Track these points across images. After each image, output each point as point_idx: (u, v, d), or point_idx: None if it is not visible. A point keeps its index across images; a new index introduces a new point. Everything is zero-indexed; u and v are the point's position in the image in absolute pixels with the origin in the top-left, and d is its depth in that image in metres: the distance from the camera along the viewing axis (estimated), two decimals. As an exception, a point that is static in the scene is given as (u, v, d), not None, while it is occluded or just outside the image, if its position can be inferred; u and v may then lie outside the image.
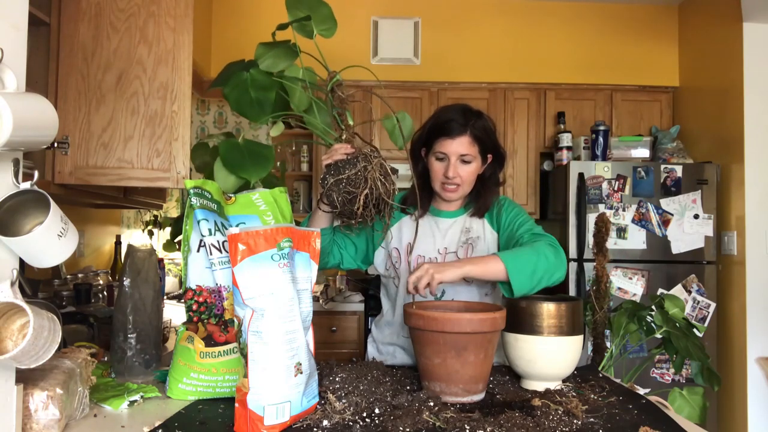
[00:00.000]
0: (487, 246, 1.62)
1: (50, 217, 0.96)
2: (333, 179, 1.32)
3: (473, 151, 1.55)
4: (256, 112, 1.39)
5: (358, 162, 1.31)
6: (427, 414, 1.09)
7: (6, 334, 0.92)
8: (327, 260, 1.64)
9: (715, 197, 3.30)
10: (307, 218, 1.57)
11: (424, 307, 1.33)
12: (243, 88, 1.39)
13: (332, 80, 1.38)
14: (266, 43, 1.42)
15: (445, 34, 3.84)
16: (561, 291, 3.32)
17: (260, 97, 1.39)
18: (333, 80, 1.38)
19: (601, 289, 2.15)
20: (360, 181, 1.30)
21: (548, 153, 3.82)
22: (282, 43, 1.42)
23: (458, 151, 1.54)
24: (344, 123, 1.40)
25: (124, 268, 1.42)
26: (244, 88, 1.39)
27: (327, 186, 1.33)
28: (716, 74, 3.45)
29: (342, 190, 1.31)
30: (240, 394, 1.04)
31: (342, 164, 1.32)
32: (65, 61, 1.89)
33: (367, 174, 1.30)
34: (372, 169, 1.31)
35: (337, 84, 1.38)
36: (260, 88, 1.39)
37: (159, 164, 1.92)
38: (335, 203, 1.33)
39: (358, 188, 1.30)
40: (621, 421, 1.13)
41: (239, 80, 1.40)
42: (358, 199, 1.30)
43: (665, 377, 3.23)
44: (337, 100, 1.39)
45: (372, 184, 1.30)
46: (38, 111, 0.94)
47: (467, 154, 1.54)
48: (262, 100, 1.39)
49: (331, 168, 1.34)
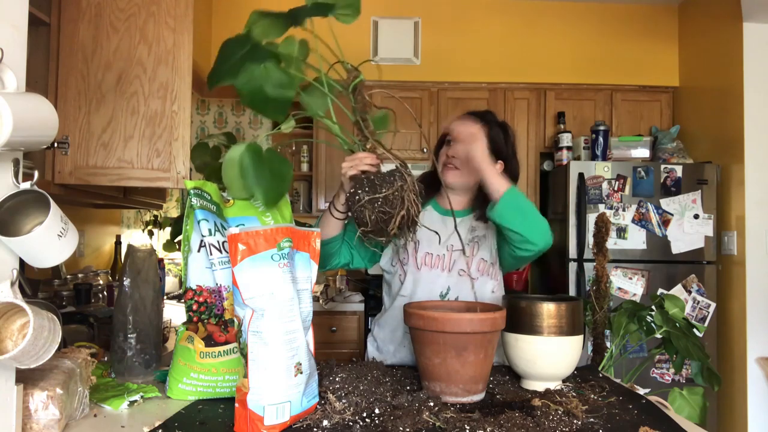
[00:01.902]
0: (490, 241, 1.65)
1: (50, 217, 0.96)
2: (368, 197, 1.22)
3: None
4: (272, 110, 1.25)
5: (395, 180, 1.23)
6: (427, 414, 1.09)
7: (6, 334, 0.92)
8: (337, 261, 1.61)
9: (715, 197, 3.30)
10: (318, 221, 1.55)
11: (424, 307, 1.33)
12: (257, 84, 1.23)
13: (355, 80, 1.28)
14: (261, 12, 1.29)
15: (445, 34, 3.84)
16: (561, 291, 3.32)
17: (278, 96, 1.24)
18: (356, 80, 1.28)
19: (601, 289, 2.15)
20: (397, 201, 1.22)
21: (548, 153, 3.82)
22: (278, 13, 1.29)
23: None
24: (368, 129, 1.31)
25: (124, 268, 1.42)
26: (259, 84, 1.23)
27: (359, 203, 1.23)
28: (716, 74, 3.45)
29: (377, 209, 1.22)
30: (240, 394, 1.04)
31: (378, 181, 1.24)
32: (65, 61, 1.89)
33: (404, 194, 1.23)
34: (408, 188, 1.23)
35: (358, 85, 1.28)
36: (278, 85, 1.24)
37: (159, 164, 1.92)
38: (366, 221, 1.24)
39: (395, 208, 1.22)
40: (621, 421, 1.13)
41: (253, 74, 1.24)
42: (394, 220, 1.22)
43: (665, 377, 3.23)
44: (360, 102, 1.29)
45: (408, 205, 1.23)
46: (38, 111, 0.94)
47: None
48: (279, 98, 1.24)
49: (364, 183, 1.25)
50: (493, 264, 1.66)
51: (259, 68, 1.23)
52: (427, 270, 1.63)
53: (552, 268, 3.60)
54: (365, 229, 1.26)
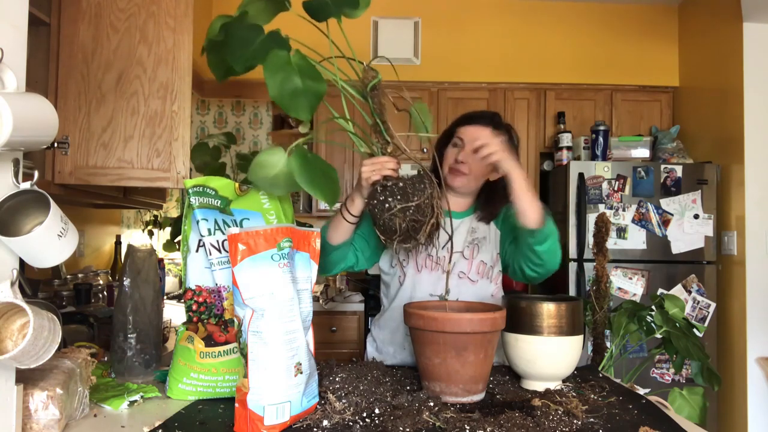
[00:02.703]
0: (493, 245, 1.64)
1: (50, 217, 0.96)
2: (400, 206, 1.19)
3: None
4: (303, 104, 1.13)
5: (425, 188, 1.20)
6: (427, 414, 1.09)
7: (6, 334, 0.92)
8: (344, 264, 1.58)
9: (715, 197, 3.30)
10: (327, 225, 1.50)
11: (424, 307, 1.33)
12: (287, 74, 1.11)
13: (373, 80, 1.23)
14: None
15: (445, 34, 3.85)
16: (561, 291, 3.32)
17: (309, 89, 1.12)
18: (374, 80, 1.23)
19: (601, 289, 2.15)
20: (427, 210, 1.20)
21: (548, 153, 3.82)
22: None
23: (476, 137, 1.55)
24: (389, 133, 1.27)
25: (124, 268, 1.42)
26: (289, 75, 1.11)
27: (390, 211, 1.20)
28: (716, 74, 3.45)
29: (409, 217, 1.19)
30: (240, 394, 1.04)
31: (410, 189, 1.20)
32: (65, 61, 1.89)
33: (433, 201, 1.20)
34: (436, 195, 1.21)
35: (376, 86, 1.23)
36: (308, 77, 1.12)
37: (159, 164, 1.92)
38: (396, 229, 1.20)
39: (426, 216, 1.19)
40: (621, 421, 1.13)
41: (280, 62, 1.11)
42: (425, 229, 1.20)
43: (665, 377, 3.23)
44: (377, 105, 1.25)
45: (438, 212, 1.20)
46: (38, 111, 0.94)
47: None
48: (311, 91, 1.12)
49: (394, 190, 1.21)
50: (493, 267, 1.65)
51: (285, 56, 1.12)
52: (428, 272, 1.62)
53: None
54: (393, 237, 1.23)
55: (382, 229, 1.25)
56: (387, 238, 1.25)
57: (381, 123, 1.25)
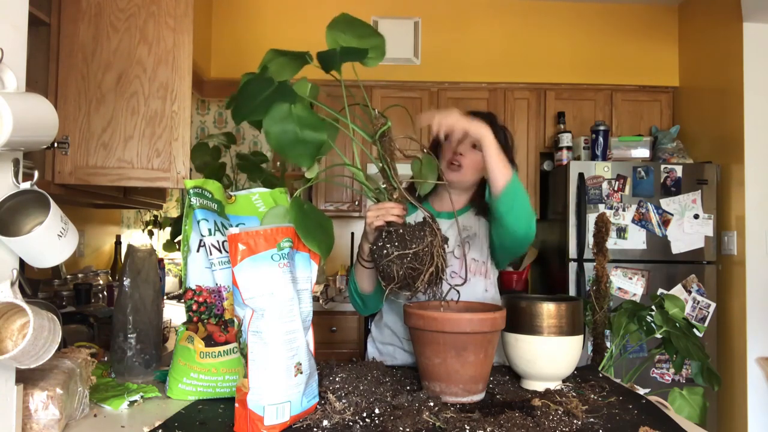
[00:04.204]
0: (483, 239, 1.65)
1: (50, 217, 0.96)
2: (397, 252, 1.19)
3: None
4: (302, 153, 1.18)
5: (425, 235, 1.20)
6: (427, 414, 1.09)
7: (6, 334, 0.92)
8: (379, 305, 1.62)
9: (715, 197, 3.30)
10: (352, 274, 1.55)
11: (424, 307, 1.33)
12: (286, 125, 1.17)
13: (383, 127, 1.25)
14: (277, 50, 1.27)
15: (445, 34, 3.84)
16: (561, 291, 3.32)
17: (308, 138, 1.17)
18: (383, 127, 1.25)
19: (601, 289, 2.15)
20: (426, 258, 1.19)
21: (548, 153, 3.82)
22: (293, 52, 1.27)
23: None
24: (396, 179, 1.27)
25: (124, 268, 1.42)
26: (288, 125, 1.17)
27: (387, 257, 1.20)
28: (716, 74, 3.45)
29: (406, 264, 1.19)
30: (240, 394, 1.04)
31: (408, 236, 1.20)
32: (65, 62, 1.89)
33: (433, 249, 1.19)
34: (437, 243, 1.20)
35: (386, 132, 1.25)
36: (308, 126, 1.17)
37: (159, 164, 1.92)
38: (393, 276, 1.21)
39: (424, 264, 1.19)
40: (621, 421, 1.13)
41: (280, 114, 1.17)
42: (423, 277, 1.19)
43: (665, 377, 3.23)
44: (387, 150, 1.26)
45: (437, 261, 1.20)
46: (38, 111, 0.94)
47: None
48: (310, 140, 1.17)
49: (393, 237, 1.22)
50: (485, 263, 1.65)
51: (287, 108, 1.17)
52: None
53: (552, 268, 3.60)
54: (393, 285, 1.22)
55: (381, 275, 1.25)
56: (386, 284, 1.25)
57: (388, 168, 1.27)
